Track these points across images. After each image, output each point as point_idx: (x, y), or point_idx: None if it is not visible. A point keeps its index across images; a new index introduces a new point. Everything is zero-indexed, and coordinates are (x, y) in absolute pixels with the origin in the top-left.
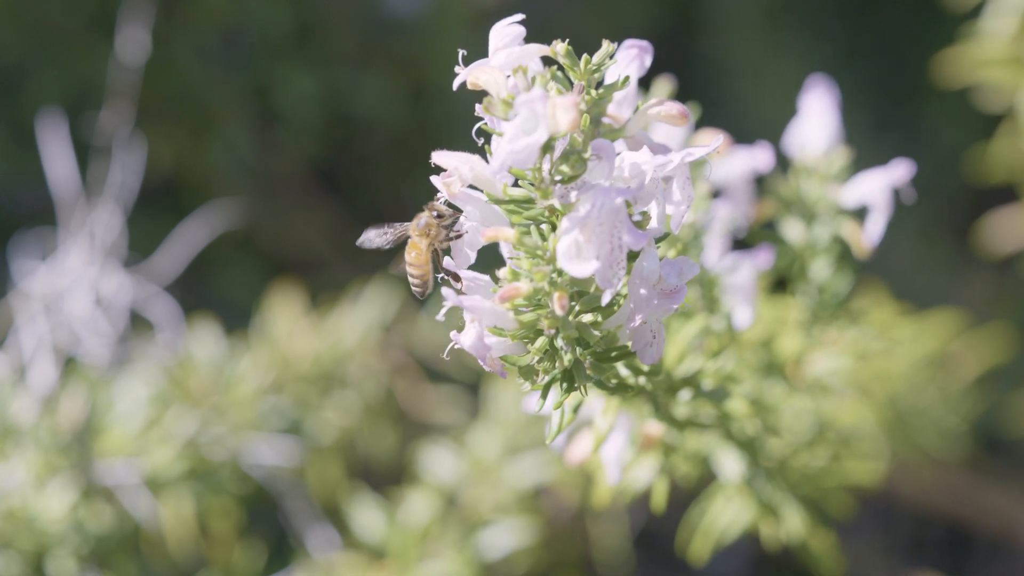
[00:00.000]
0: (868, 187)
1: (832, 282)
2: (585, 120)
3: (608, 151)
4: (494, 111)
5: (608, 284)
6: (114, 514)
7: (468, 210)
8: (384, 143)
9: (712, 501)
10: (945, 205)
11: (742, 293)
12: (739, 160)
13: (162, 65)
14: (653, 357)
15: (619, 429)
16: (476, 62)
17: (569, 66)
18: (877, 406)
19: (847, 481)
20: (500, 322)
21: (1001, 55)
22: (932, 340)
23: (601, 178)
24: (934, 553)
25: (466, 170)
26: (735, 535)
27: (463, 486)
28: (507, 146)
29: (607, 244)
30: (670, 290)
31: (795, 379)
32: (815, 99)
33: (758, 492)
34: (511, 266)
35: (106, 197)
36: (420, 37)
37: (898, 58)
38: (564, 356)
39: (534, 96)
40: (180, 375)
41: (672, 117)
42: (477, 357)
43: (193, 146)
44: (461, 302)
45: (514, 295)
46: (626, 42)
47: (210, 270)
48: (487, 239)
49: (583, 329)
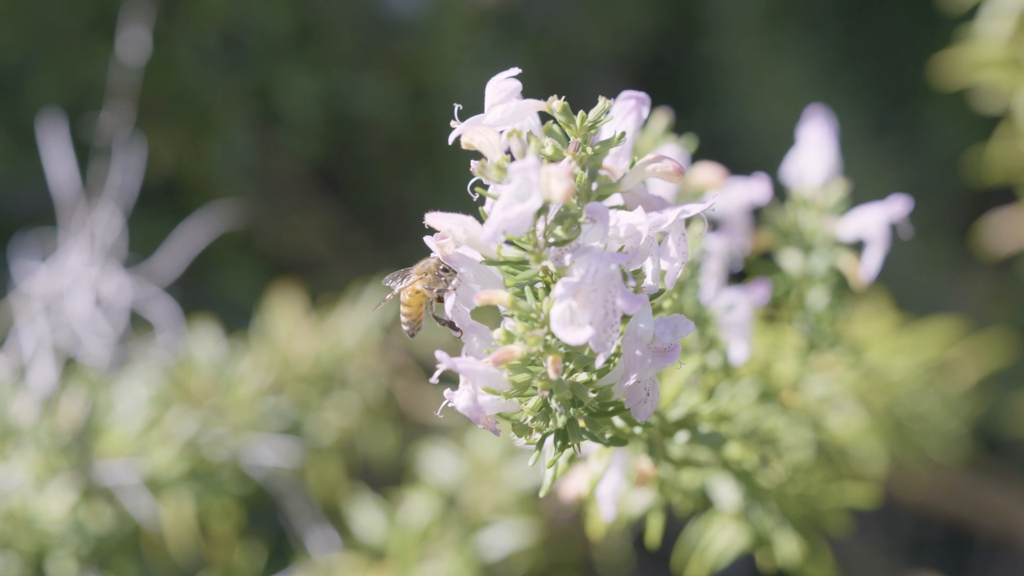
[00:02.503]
0: (865, 221)
1: (829, 312)
2: (581, 177)
3: (603, 215)
4: (488, 175)
5: (602, 348)
6: (114, 515)
7: (462, 270)
8: (384, 144)
9: (708, 526)
10: (945, 206)
11: (738, 329)
12: (736, 192)
13: (162, 66)
14: (647, 413)
15: (614, 467)
16: (471, 119)
17: (565, 123)
18: (876, 415)
19: (845, 502)
20: (494, 384)
21: (998, 57)
22: (931, 346)
23: (596, 240)
24: (934, 554)
25: (460, 232)
26: (730, 558)
27: (463, 487)
28: (500, 213)
29: (601, 309)
30: (664, 348)
31: (791, 405)
32: (813, 129)
33: (754, 522)
34: (505, 327)
35: (106, 198)
36: (420, 38)
37: (897, 60)
38: (558, 417)
39: (528, 165)
40: (180, 376)
41: (668, 174)
42: (471, 419)
43: (193, 147)
44: (455, 365)
45: (508, 358)
46: (623, 94)
47: (210, 271)
48: (481, 302)
49: (577, 389)
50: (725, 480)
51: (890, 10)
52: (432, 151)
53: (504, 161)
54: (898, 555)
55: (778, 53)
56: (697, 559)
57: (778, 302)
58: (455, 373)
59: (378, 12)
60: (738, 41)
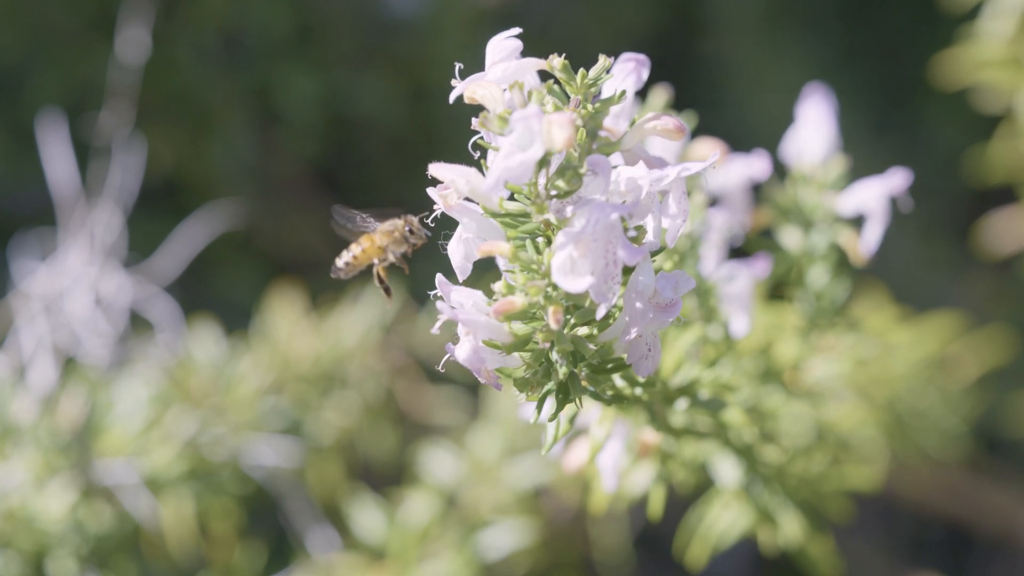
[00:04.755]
0: (865, 195)
1: (829, 289)
2: (581, 134)
3: (604, 167)
4: (490, 126)
5: (603, 299)
6: (114, 514)
7: (464, 222)
8: (384, 144)
9: (710, 506)
10: (945, 206)
11: (739, 302)
12: (736, 168)
13: (162, 66)
14: (648, 369)
15: (615, 437)
16: (472, 76)
17: (566, 80)
18: (876, 409)
19: (846, 486)
20: (495, 335)
21: (999, 56)
22: (931, 342)
23: (597, 193)
24: (934, 553)
25: (462, 183)
26: (733, 540)
27: (463, 487)
28: (502, 162)
29: (602, 259)
30: (666, 304)
31: (793, 385)
32: (812, 107)
33: (755, 499)
34: (506, 279)
35: (106, 198)
36: (420, 38)
37: (897, 59)
38: (559, 369)
39: (530, 113)
40: (180, 375)
41: (668, 132)
42: (472, 371)
43: (193, 147)
44: (456, 316)
45: (509, 310)
46: (623, 55)
47: (210, 271)
48: (482, 253)
49: (578, 342)
50: (726, 456)
51: (890, 10)
52: (432, 151)
53: (506, 112)
54: (898, 555)
55: (778, 53)
56: (699, 540)
57: (779, 281)
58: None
59: (378, 12)
60: (738, 41)
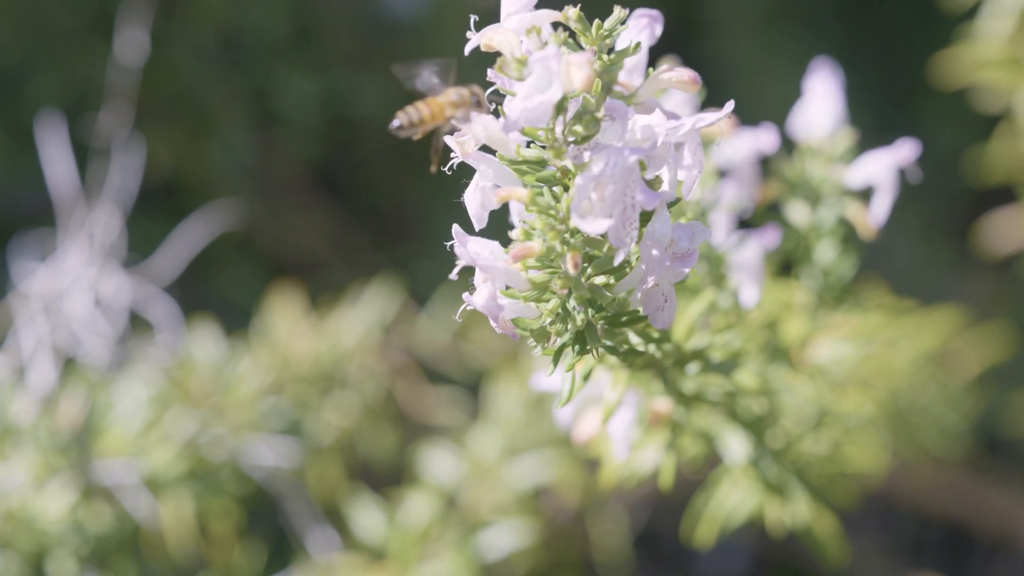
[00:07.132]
0: (873, 167)
1: (837, 264)
2: (597, 85)
3: (622, 112)
4: (508, 71)
5: (621, 243)
6: (114, 514)
7: (481, 169)
8: (384, 144)
9: (718, 486)
10: (945, 206)
11: (749, 271)
12: (744, 142)
13: (161, 66)
14: (665, 321)
15: (627, 405)
16: (488, 26)
17: (581, 31)
18: (879, 400)
19: (850, 468)
20: (512, 282)
21: (998, 56)
22: (933, 337)
23: (614, 139)
24: (934, 553)
25: (480, 130)
26: (741, 520)
27: (463, 487)
28: (521, 103)
29: (620, 203)
30: (682, 253)
31: (799, 363)
32: (819, 81)
33: (764, 472)
34: (523, 226)
35: (105, 198)
36: (420, 38)
37: (896, 60)
38: (577, 317)
39: (549, 53)
40: (180, 376)
41: (684, 83)
42: (489, 317)
43: (192, 147)
44: (475, 260)
45: (527, 254)
46: (637, 11)
47: (210, 271)
48: (500, 199)
49: (595, 290)
50: (735, 429)
51: (890, 10)
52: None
53: (524, 56)
54: (898, 555)
55: (778, 53)
56: (706, 521)
57: (787, 256)
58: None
59: (378, 12)
60: (738, 41)
